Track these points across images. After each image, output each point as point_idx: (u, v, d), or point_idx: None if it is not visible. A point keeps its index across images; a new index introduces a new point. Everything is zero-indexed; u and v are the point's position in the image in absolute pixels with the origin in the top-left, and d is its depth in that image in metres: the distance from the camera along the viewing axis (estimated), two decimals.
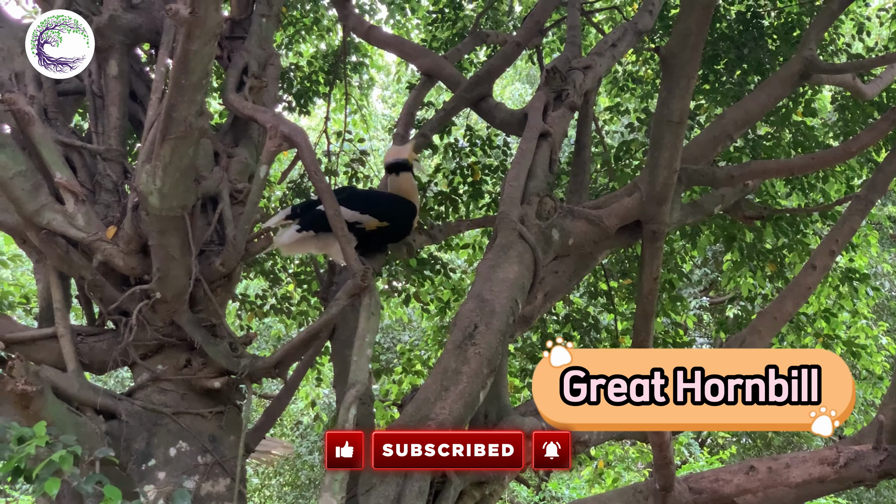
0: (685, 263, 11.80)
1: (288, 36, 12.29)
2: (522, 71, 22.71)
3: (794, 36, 9.88)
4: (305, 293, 11.47)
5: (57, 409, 4.88)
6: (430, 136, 8.62)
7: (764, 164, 7.66)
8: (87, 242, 5.59)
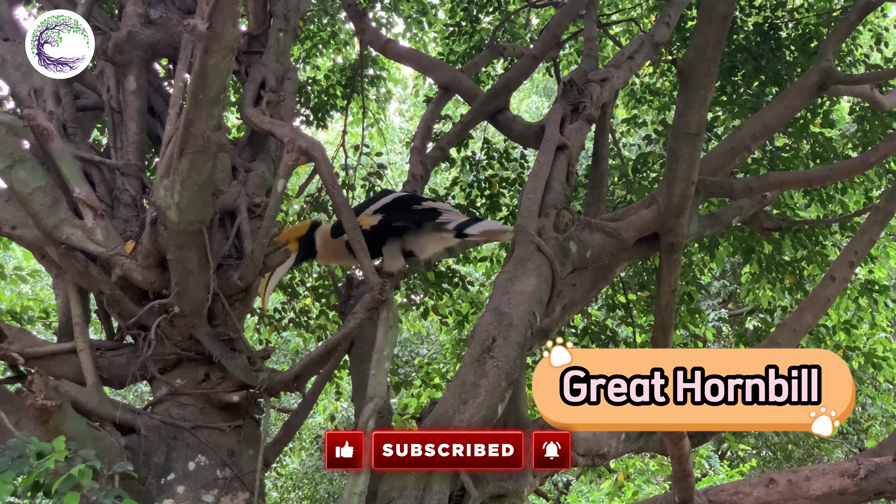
0: (703, 275, 11.78)
1: (305, 50, 12.33)
2: (539, 84, 22.70)
3: (812, 47, 9.86)
4: (324, 307, 11.48)
5: (76, 423, 4.89)
6: (448, 149, 8.64)
7: (782, 175, 7.65)
8: (105, 257, 5.60)
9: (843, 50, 10.24)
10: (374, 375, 5.07)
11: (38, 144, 5.77)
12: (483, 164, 11.07)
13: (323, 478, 21.55)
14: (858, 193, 10.60)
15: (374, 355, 5.18)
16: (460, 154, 11.03)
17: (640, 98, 12.00)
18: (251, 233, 6.05)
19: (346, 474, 4.54)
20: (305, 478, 21.90)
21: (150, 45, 6.70)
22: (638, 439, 6.53)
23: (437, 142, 8.66)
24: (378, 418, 5.08)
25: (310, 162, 5.67)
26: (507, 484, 5.38)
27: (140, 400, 18.17)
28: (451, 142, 8.54)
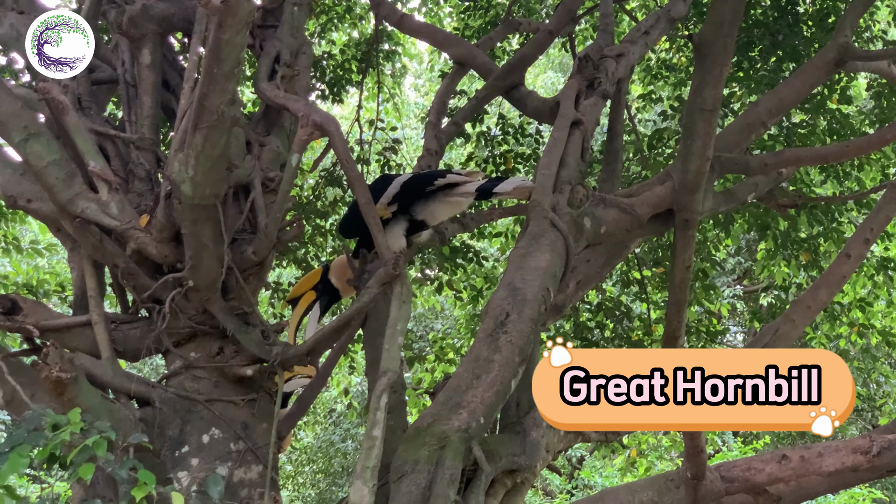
0: (718, 252, 11.75)
1: (320, 24, 12.30)
2: (555, 59, 22.64)
3: (830, 22, 9.80)
4: None
5: (91, 396, 4.91)
6: (463, 124, 8.63)
7: (798, 151, 7.61)
8: (120, 231, 5.61)
9: (860, 25, 10.18)
10: (388, 350, 5.08)
11: (53, 118, 5.78)
12: (498, 140, 11.06)
13: (337, 452, 21.66)
14: (875, 170, 10.55)
15: (387, 330, 5.19)
16: (475, 129, 11.02)
17: (656, 74, 11.95)
18: (265, 207, 6.05)
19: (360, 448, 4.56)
20: (320, 452, 22.01)
21: (165, 18, 6.70)
22: None
23: (452, 117, 8.66)
24: (391, 392, 5.10)
25: (324, 136, 5.67)
26: (520, 459, 5.40)
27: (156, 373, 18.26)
28: (465, 117, 8.53)
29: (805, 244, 10.46)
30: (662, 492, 5.76)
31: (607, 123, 8.28)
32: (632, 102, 12.27)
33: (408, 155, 17.96)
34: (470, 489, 4.87)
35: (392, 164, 11.69)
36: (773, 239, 10.38)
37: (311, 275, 6.89)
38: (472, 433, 4.81)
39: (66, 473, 4.08)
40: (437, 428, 4.79)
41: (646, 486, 5.86)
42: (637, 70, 11.65)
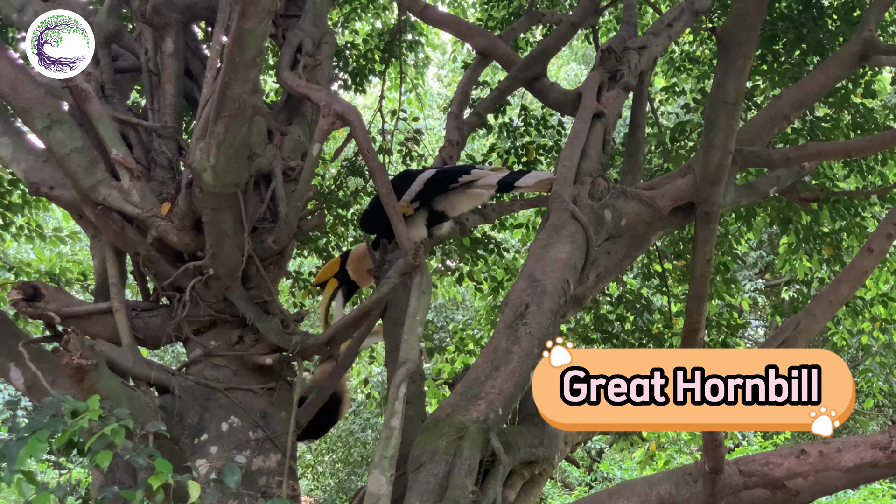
0: (740, 245, 11.72)
1: (344, 14, 12.31)
2: (578, 51, 22.59)
3: (855, 16, 9.74)
4: None
5: (111, 382, 4.93)
6: (485, 115, 8.62)
7: (820, 145, 7.60)
8: (141, 218, 5.62)
9: (885, 20, 10.13)
10: (407, 340, 5.09)
11: (76, 106, 5.80)
12: (520, 131, 11.05)
13: (357, 441, 21.70)
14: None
15: (406, 320, 5.20)
16: (497, 120, 11.01)
17: (679, 66, 11.91)
18: (286, 196, 6.06)
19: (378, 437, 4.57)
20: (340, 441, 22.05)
21: (188, 7, 6.72)
22: None
23: (475, 108, 8.66)
24: (410, 383, 5.11)
25: (346, 126, 5.67)
26: (538, 450, 5.40)
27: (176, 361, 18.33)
28: (488, 108, 8.53)
29: (827, 238, 10.42)
30: (680, 485, 5.75)
31: (629, 116, 8.27)
32: (654, 95, 12.24)
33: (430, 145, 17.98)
34: (488, 480, 4.87)
35: (414, 155, 11.69)
36: (795, 233, 10.34)
37: (331, 263, 6.90)
38: (490, 424, 4.82)
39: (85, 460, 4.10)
40: (456, 419, 4.81)
41: (664, 480, 5.85)
42: (660, 62, 11.62)
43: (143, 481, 4.07)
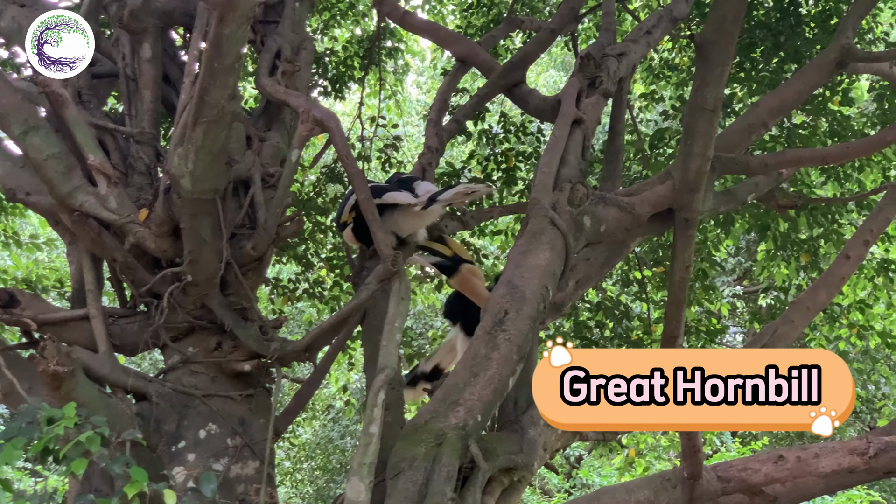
0: (718, 252, 11.74)
1: (323, 21, 12.30)
2: (557, 57, 22.62)
3: (832, 24, 9.78)
4: (338, 278, 11.48)
5: (88, 389, 4.90)
6: (464, 121, 8.62)
7: (798, 152, 7.62)
8: (119, 225, 5.61)
9: (862, 27, 10.16)
10: (386, 346, 5.09)
11: (53, 111, 5.79)
12: (499, 138, 11.05)
13: (335, 448, 21.65)
14: (875, 172, 10.53)
15: (385, 326, 5.20)
16: (477, 127, 11.00)
17: (658, 73, 11.93)
18: (265, 203, 6.05)
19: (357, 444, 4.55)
20: (318, 448, 22.00)
21: (166, 12, 6.71)
22: None
23: (454, 114, 8.65)
24: (389, 389, 5.10)
25: (324, 132, 5.66)
26: (517, 457, 5.39)
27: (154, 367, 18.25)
28: (467, 115, 8.53)
29: (805, 245, 10.45)
30: (659, 491, 5.76)
31: (608, 122, 8.28)
32: (633, 102, 12.25)
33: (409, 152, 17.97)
34: (467, 487, 4.86)
35: (393, 161, 11.67)
36: (772, 239, 10.37)
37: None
38: (469, 431, 4.81)
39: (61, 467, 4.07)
40: (435, 425, 4.80)
41: (642, 486, 5.86)
42: (639, 69, 11.64)
43: (119, 489, 4.05)
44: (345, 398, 14.55)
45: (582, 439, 6.24)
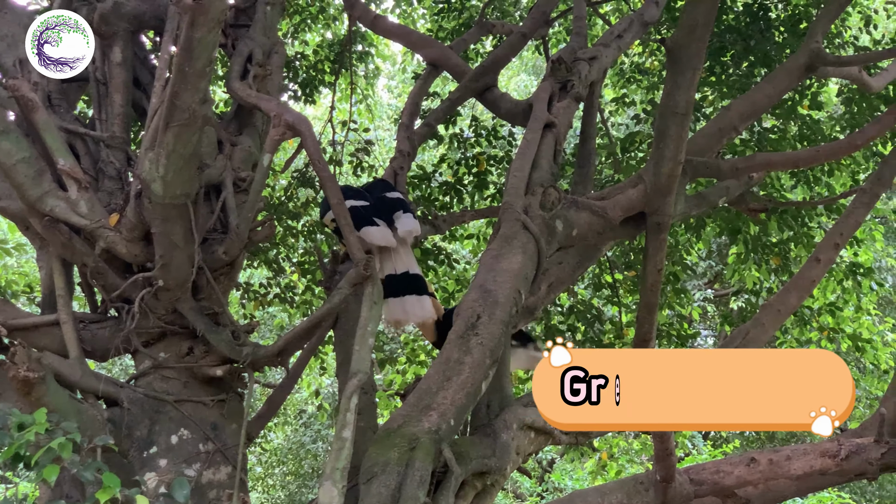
0: (690, 255, 11.80)
1: (294, 24, 12.29)
2: (528, 61, 22.65)
3: (801, 28, 9.84)
4: (309, 282, 11.47)
5: (59, 395, 4.88)
6: (435, 126, 8.62)
7: (769, 156, 7.66)
8: (89, 230, 5.58)
9: (832, 31, 10.23)
10: (358, 351, 5.07)
11: (22, 115, 5.75)
12: (471, 142, 11.06)
13: (308, 453, 21.60)
14: (845, 175, 10.61)
15: (357, 331, 5.19)
16: (448, 131, 11.02)
17: (629, 77, 11.98)
18: (236, 207, 6.04)
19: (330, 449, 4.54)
20: (290, 453, 21.95)
21: (136, 16, 6.68)
22: None
23: (425, 118, 8.65)
24: (362, 394, 5.09)
25: (296, 137, 5.65)
26: (490, 461, 5.39)
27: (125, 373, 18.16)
28: (438, 119, 8.52)
29: (775, 248, 10.50)
30: (632, 494, 5.76)
31: (580, 126, 8.29)
32: (605, 106, 12.29)
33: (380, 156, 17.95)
34: (440, 491, 4.85)
35: (364, 166, 11.66)
36: (743, 243, 10.42)
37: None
38: (442, 435, 4.80)
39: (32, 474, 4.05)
40: (408, 429, 4.79)
41: (615, 489, 5.86)
42: (610, 73, 11.68)
43: (90, 495, 4.02)
44: (317, 403, 14.52)
45: (554, 443, 6.24)
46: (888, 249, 17.24)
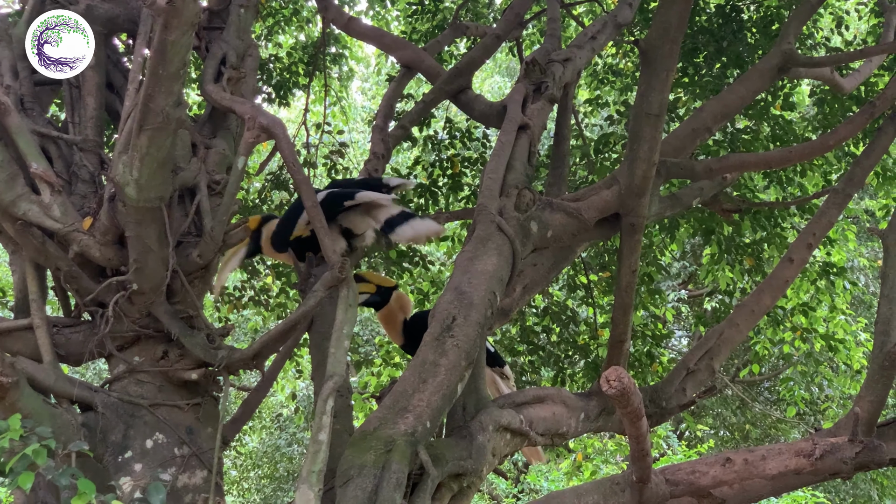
0: (664, 256, 11.84)
1: (267, 27, 12.27)
2: (502, 63, 22.71)
3: (774, 29, 9.90)
4: (284, 285, 11.46)
5: (33, 400, 4.85)
6: (410, 127, 8.62)
7: (742, 157, 7.70)
8: (63, 233, 5.56)
9: (804, 33, 10.29)
10: (334, 354, 5.07)
11: None
12: (445, 144, 11.06)
13: (283, 457, 21.57)
14: (817, 176, 10.68)
15: (333, 334, 5.19)
16: (422, 133, 11.01)
17: (603, 79, 12.01)
18: (211, 210, 6.01)
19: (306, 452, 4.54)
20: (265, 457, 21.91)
21: (110, 19, 6.66)
22: (597, 419, 6.57)
23: (399, 120, 8.64)
24: (337, 397, 5.09)
25: (270, 139, 5.65)
26: (466, 463, 5.39)
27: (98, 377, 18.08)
28: (412, 120, 8.51)
29: (749, 249, 10.55)
30: (608, 495, 5.76)
31: (554, 128, 8.29)
32: (579, 107, 12.32)
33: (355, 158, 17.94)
34: (416, 493, 4.85)
35: (339, 168, 11.65)
36: (717, 244, 10.47)
37: (253, 218, 6.68)
38: (418, 437, 4.80)
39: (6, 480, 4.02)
40: (384, 432, 4.78)
41: (591, 490, 5.87)
42: (584, 75, 11.70)
43: (66, 501, 4.01)
44: (293, 406, 14.50)
45: (530, 444, 6.24)
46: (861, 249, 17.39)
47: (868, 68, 9.37)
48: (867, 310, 18.40)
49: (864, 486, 18.61)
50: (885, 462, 5.65)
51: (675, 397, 6.96)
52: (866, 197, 17.08)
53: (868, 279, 18.41)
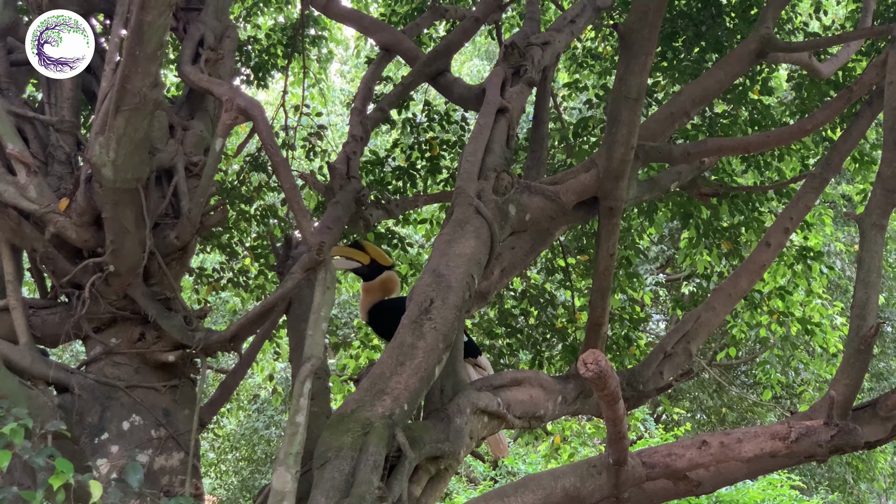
0: (642, 240, 11.87)
1: (246, 8, 12.21)
2: (481, 46, 22.69)
3: (752, 14, 9.90)
4: (262, 267, 11.44)
5: (9, 382, 4.84)
6: (388, 110, 8.60)
7: (720, 141, 7.69)
8: (39, 214, 5.53)
9: (782, 17, 10.30)
10: (311, 336, 5.06)
11: None
12: (424, 126, 11.05)
13: (260, 439, 21.58)
14: (795, 160, 10.70)
15: (311, 316, 5.18)
16: (401, 116, 11.00)
17: (582, 62, 12.00)
18: (188, 192, 6.00)
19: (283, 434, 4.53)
20: (243, 439, 21.92)
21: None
22: (574, 402, 6.58)
23: (378, 103, 8.62)
24: (315, 379, 5.08)
25: (248, 121, 5.62)
26: (444, 445, 5.40)
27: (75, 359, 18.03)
28: (391, 103, 8.50)
29: (726, 233, 10.59)
30: (585, 477, 5.78)
31: (533, 111, 8.30)
32: (557, 91, 12.31)
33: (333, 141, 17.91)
34: (393, 475, 4.85)
35: (317, 150, 11.63)
36: (695, 227, 10.50)
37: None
38: (395, 419, 4.81)
39: None
40: (361, 414, 4.79)
41: (568, 472, 5.88)
42: (563, 58, 11.69)
43: (43, 481, 4.00)
44: (270, 388, 14.49)
45: (507, 427, 6.25)
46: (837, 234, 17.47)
47: (846, 53, 9.38)
48: (843, 294, 18.52)
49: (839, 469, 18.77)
50: (860, 445, 5.68)
51: (652, 380, 6.98)
52: (843, 182, 17.16)
53: (844, 263, 18.52)
